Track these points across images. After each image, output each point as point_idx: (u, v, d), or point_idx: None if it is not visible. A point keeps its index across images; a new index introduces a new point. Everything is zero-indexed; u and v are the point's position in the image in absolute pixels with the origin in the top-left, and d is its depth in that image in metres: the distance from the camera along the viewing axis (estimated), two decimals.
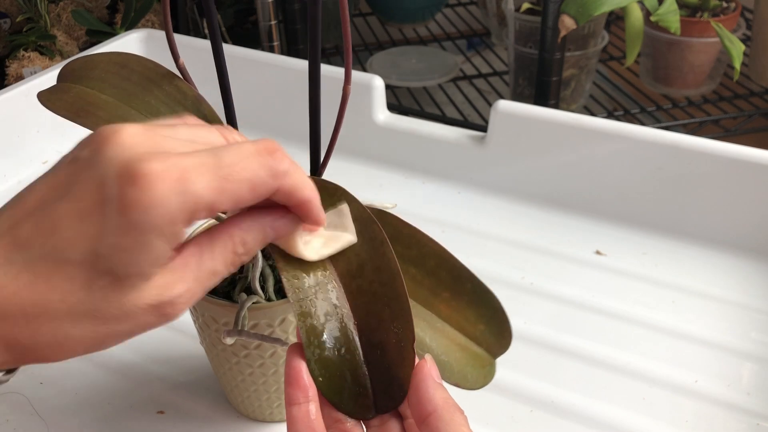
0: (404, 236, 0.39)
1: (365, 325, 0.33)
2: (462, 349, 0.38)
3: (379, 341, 0.33)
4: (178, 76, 0.42)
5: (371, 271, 0.34)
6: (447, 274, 0.39)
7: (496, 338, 0.39)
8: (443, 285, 0.39)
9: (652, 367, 0.56)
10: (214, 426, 0.52)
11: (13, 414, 0.53)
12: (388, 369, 0.33)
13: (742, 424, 0.52)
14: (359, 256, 0.34)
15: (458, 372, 0.38)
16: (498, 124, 0.74)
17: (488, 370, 0.39)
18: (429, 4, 1.20)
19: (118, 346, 0.29)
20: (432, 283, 0.39)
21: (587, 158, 0.72)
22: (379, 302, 0.33)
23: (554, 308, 0.62)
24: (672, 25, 0.82)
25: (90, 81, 0.41)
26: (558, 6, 0.78)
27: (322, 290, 0.34)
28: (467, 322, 0.39)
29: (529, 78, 0.95)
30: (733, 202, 0.67)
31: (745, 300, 0.63)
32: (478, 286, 0.39)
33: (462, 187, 0.77)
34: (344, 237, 0.35)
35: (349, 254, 0.35)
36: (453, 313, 0.39)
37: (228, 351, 0.46)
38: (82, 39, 1.07)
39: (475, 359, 0.39)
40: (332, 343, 0.33)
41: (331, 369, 0.33)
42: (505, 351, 0.40)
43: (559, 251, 0.69)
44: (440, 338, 0.38)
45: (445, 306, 0.39)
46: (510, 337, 0.40)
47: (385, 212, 0.39)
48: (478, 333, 0.39)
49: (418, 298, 0.39)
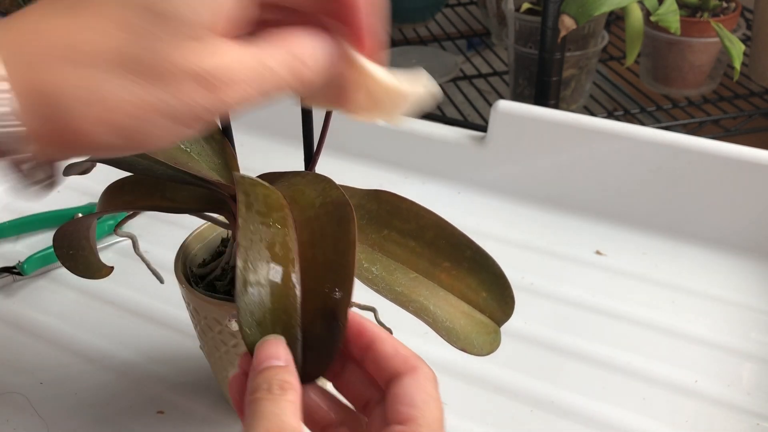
0: (402, 210, 0.39)
1: (309, 289, 0.33)
2: (466, 316, 0.39)
3: (318, 308, 0.32)
4: None
5: (330, 243, 0.33)
6: (446, 243, 0.39)
7: (499, 305, 0.40)
8: (443, 254, 0.39)
9: (652, 367, 0.56)
10: (214, 426, 0.52)
11: (13, 414, 0.53)
12: (319, 336, 0.32)
13: (742, 424, 0.52)
14: (324, 230, 0.34)
15: (464, 338, 0.38)
16: (498, 124, 0.74)
17: (493, 338, 0.40)
18: (429, 4, 1.20)
19: (118, 346, 0.28)
20: (431, 254, 0.39)
21: (587, 158, 0.72)
22: (328, 270, 0.33)
23: (554, 308, 0.62)
24: (672, 25, 0.82)
25: None
26: (558, 6, 0.78)
27: (277, 247, 0.33)
28: (469, 289, 0.39)
29: (529, 78, 0.95)
30: (733, 202, 0.67)
31: (745, 300, 0.63)
32: (477, 252, 0.39)
33: (462, 187, 0.77)
34: (419, 80, 0.31)
35: (314, 226, 0.34)
36: (454, 281, 0.39)
37: (231, 354, 0.46)
38: None
39: (480, 326, 0.39)
40: (268, 296, 0.32)
41: (263, 325, 0.32)
42: (508, 318, 0.40)
43: (559, 251, 0.69)
44: (444, 306, 0.38)
45: (446, 275, 0.39)
46: (513, 304, 0.40)
47: (380, 190, 0.40)
48: (480, 300, 0.39)
49: (419, 269, 0.39)
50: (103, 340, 0.60)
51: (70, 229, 0.46)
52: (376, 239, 0.40)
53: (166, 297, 0.62)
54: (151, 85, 0.25)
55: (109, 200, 0.45)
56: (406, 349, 0.33)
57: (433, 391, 0.32)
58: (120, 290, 0.64)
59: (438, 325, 0.38)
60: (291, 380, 0.31)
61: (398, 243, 0.40)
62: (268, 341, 0.32)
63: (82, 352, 0.59)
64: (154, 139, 0.26)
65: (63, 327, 0.61)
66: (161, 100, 0.25)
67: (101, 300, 0.64)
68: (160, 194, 0.44)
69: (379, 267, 0.39)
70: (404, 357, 0.32)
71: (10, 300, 0.64)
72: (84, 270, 0.47)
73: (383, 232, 0.40)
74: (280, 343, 0.32)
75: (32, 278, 0.66)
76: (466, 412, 0.53)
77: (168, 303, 0.62)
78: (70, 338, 0.60)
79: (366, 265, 0.39)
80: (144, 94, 0.25)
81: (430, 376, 0.32)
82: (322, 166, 0.44)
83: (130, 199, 0.44)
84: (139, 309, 0.63)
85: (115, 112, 0.25)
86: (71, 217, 0.73)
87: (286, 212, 0.36)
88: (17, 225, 0.72)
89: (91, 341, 0.60)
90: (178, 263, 0.46)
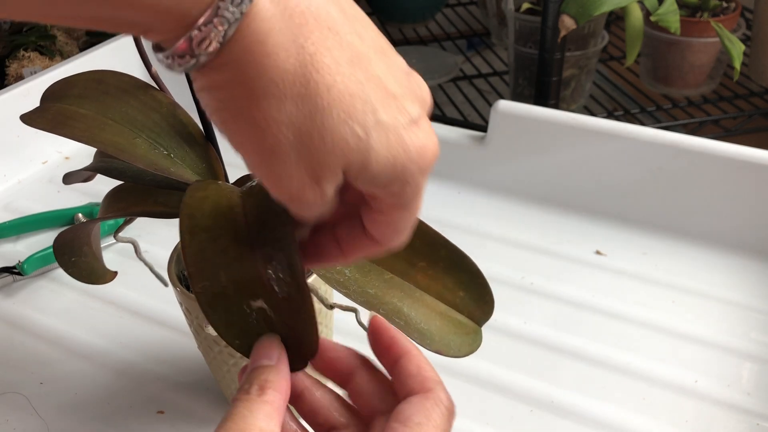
0: None
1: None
2: (442, 317, 0.38)
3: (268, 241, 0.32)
4: (154, 86, 0.44)
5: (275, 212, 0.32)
6: (421, 242, 0.39)
7: (477, 303, 0.39)
8: (419, 254, 0.39)
9: (652, 367, 0.56)
10: (213, 426, 0.52)
11: (13, 414, 0.53)
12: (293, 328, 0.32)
13: (742, 424, 0.52)
14: (272, 205, 0.33)
15: (439, 340, 0.38)
16: (498, 124, 0.74)
17: (473, 338, 0.39)
18: (429, 4, 1.20)
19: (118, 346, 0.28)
20: (408, 254, 0.39)
21: (587, 158, 0.72)
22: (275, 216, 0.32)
23: (554, 308, 0.62)
24: (672, 25, 0.82)
25: (69, 99, 0.42)
26: (558, 6, 0.78)
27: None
28: (446, 289, 0.39)
29: (529, 78, 0.95)
30: (733, 202, 0.67)
31: (745, 300, 0.63)
32: (452, 251, 0.39)
33: (462, 187, 0.77)
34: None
35: (262, 200, 0.33)
36: (431, 281, 0.39)
37: (225, 353, 0.46)
38: (82, 39, 1.07)
39: (458, 327, 0.39)
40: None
41: (232, 314, 0.32)
42: (488, 317, 0.40)
43: (559, 251, 0.69)
44: (419, 307, 0.38)
45: (422, 275, 0.39)
46: (492, 302, 0.40)
47: None
48: (458, 300, 0.39)
49: (395, 270, 0.39)
50: (103, 340, 0.60)
51: (69, 236, 0.46)
52: None
53: (166, 297, 0.62)
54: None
55: (107, 206, 0.45)
56: (430, 370, 0.33)
57: (437, 418, 0.31)
58: (120, 290, 0.64)
59: (410, 327, 0.37)
60: (274, 380, 0.31)
61: None
62: (262, 342, 0.32)
63: (82, 352, 0.59)
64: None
65: (63, 327, 0.61)
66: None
67: (101, 300, 0.64)
68: (153, 199, 0.44)
69: (353, 269, 0.39)
70: (424, 378, 0.32)
71: (10, 300, 0.64)
72: (88, 276, 0.47)
73: None
74: (274, 342, 0.32)
75: (32, 278, 0.66)
76: (466, 411, 0.53)
77: (168, 303, 0.62)
78: (70, 338, 0.60)
79: (339, 268, 0.39)
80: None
81: (441, 402, 0.32)
82: None
83: (125, 205, 0.44)
84: (139, 309, 0.63)
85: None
86: (71, 217, 0.73)
87: (233, 188, 0.35)
88: (17, 225, 0.72)
89: (91, 341, 0.60)
90: (172, 265, 0.47)
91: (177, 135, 0.43)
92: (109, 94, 0.43)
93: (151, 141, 0.42)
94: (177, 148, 0.43)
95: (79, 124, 0.41)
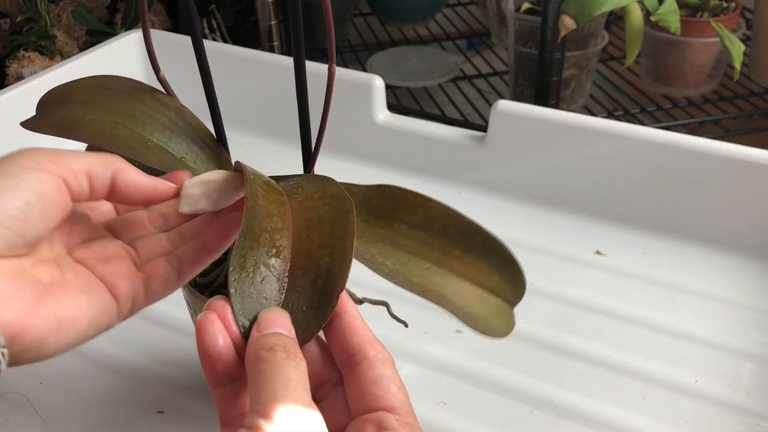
0: (409, 203, 0.40)
1: (299, 265, 0.34)
2: (481, 301, 0.40)
3: (308, 285, 0.33)
4: (160, 90, 0.43)
5: (328, 228, 0.35)
6: (455, 231, 0.40)
7: (511, 287, 0.41)
8: (453, 243, 0.40)
9: (652, 367, 0.56)
10: (214, 426, 0.52)
11: (13, 414, 0.53)
12: (304, 312, 0.33)
13: (742, 424, 0.52)
14: (321, 217, 0.35)
15: (482, 322, 0.39)
16: (498, 124, 0.74)
17: (508, 320, 0.40)
18: (429, 4, 1.20)
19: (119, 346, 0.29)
20: (442, 243, 0.40)
21: (587, 158, 0.72)
22: (323, 250, 0.34)
23: (554, 308, 0.62)
24: (672, 25, 0.82)
25: (72, 105, 0.42)
26: (558, 6, 0.78)
27: (272, 222, 0.35)
28: (482, 274, 0.40)
29: (529, 78, 0.95)
30: (733, 202, 0.67)
31: (745, 300, 0.63)
32: (486, 237, 0.40)
33: (462, 187, 0.77)
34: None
35: (312, 214, 0.35)
36: (467, 268, 0.40)
37: None
38: (82, 39, 1.07)
39: (495, 309, 0.40)
40: (259, 270, 0.33)
41: (247, 302, 0.33)
42: (520, 299, 0.41)
43: (559, 251, 0.69)
44: (459, 292, 0.39)
45: (457, 263, 0.40)
46: (524, 285, 0.41)
47: (384, 185, 0.41)
48: (493, 284, 0.40)
49: (431, 259, 0.40)
50: (104, 340, 0.59)
51: None
52: (386, 233, 0.40)
53: (167, 298, 0.62)
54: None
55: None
56: (367, 328, 0.34)
57: (395, 375, 0.33)
58: None
59: (458, 311, 0.38)
60: (300, 352, 0.31)
61: (408, 235, 0.40)
62: (273, 309, 0.32)
63: (82, 352, 0.59)
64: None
65: None
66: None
67: None
68: None
69: (393, 260, 0.40)
70: (367, 338, 0.33)
71: None
72: None
73: (392, 226, 0.40)
74: (287, 315, 0.32)
75: None
76: (466, 412, 0.53)
77: (169, 304, 0.62)
78: None
79: (380, 260, 0.39)
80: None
81: (390, 358, 0.34)
82: (322, 167, 0.45)
83: None
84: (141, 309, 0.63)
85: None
86: None
87: (284, 198, 0.36)
88: None
89: (91, 341, 0.60)
90: None
91: (187, 138, 0.43)
92: (114, 99, 0.42)
93: (163, 144, 0.42)
94: (189, 151, 0.43)
95: (89, 129, 0.40)
